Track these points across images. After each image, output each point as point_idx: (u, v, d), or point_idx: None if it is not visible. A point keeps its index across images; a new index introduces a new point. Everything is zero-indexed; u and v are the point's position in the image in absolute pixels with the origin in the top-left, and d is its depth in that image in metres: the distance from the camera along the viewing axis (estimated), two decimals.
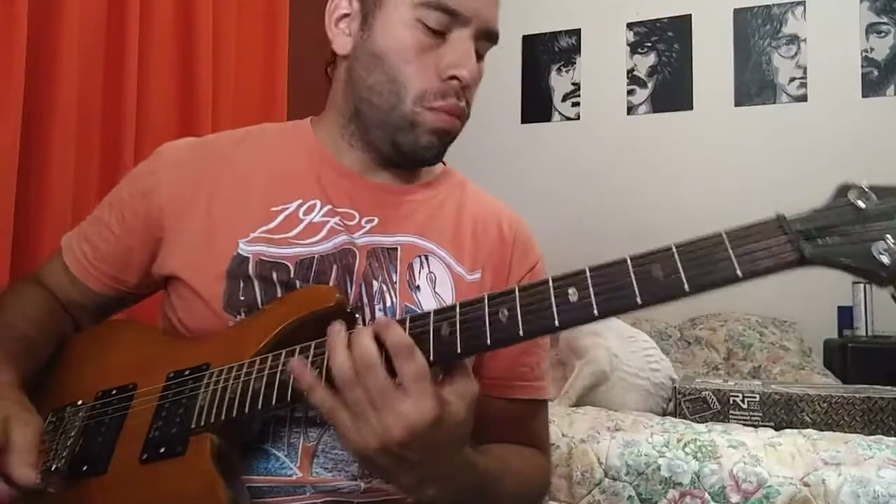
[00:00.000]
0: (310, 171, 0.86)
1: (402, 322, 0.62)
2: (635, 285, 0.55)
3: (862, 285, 2.57)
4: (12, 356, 0.78)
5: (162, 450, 0.69)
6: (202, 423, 0.68)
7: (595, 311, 0.56)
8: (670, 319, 2.88)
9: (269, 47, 2.19)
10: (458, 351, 0.60)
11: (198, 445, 0.67)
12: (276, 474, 0.73)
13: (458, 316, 0.61)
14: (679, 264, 0.54)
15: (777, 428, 1.51)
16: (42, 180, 1.42)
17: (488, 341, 0.59)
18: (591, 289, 0.56)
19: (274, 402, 0.66)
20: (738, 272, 0.52)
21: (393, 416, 0.58)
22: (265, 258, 0.79)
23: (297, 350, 0.67)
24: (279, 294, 0.77)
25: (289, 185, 0.84)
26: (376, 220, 0.85)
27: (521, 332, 0.58)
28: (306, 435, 0.75)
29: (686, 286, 0.53)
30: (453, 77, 0.79)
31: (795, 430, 1.46)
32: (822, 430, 1.46)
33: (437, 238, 0.86)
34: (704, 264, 0.53)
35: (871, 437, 1.37)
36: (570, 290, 0.57)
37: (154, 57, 1.74)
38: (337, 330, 0.62)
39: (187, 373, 0.74)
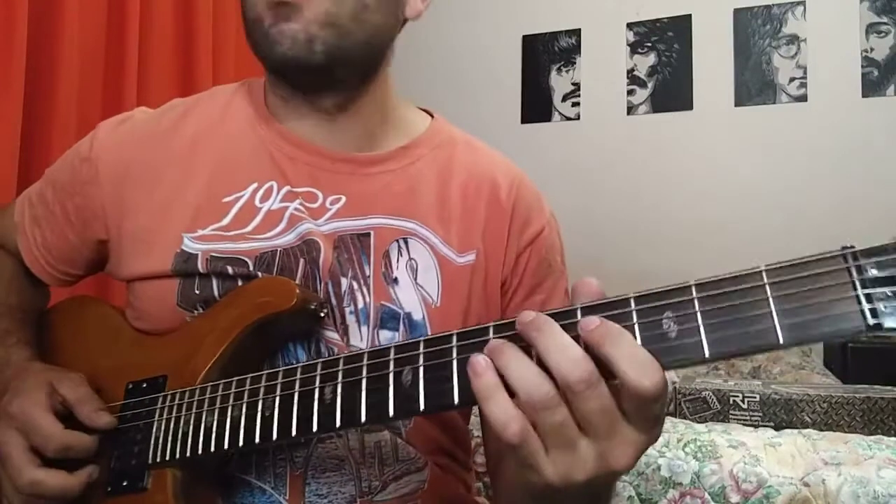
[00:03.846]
0: (261, 145, 0.74)
1: (383, 352, 0.52)
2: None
3: None
4: (19, 331, 0.77)
5: (125, 483, 0.66)
6: (158, 460, 0.64)
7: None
8: None
9: None
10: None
11: (159, 481, 0.64)
12: None
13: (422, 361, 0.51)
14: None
15: (777, 428, 1.51)
16: None
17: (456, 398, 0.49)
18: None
19: (226, 444, 0.59)
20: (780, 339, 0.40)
21: (621, 446, 0.44)
22: (217, 254, 0.69)
23: (265, 376, 0.60)
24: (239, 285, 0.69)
25: (239, 166, 0.73)
26: (343, 199, 0.72)
27: None
28: (292, 462, 0.67)
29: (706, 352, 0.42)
30: None
31: (795, 430, 1.45)
32: (822, 430, 1.46)
33: (419, 214, 0.74)
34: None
35: (871, 437, 1.37)
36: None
37: (154, 57, 1.74)
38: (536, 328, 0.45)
39: (144, 385, 0.69)
